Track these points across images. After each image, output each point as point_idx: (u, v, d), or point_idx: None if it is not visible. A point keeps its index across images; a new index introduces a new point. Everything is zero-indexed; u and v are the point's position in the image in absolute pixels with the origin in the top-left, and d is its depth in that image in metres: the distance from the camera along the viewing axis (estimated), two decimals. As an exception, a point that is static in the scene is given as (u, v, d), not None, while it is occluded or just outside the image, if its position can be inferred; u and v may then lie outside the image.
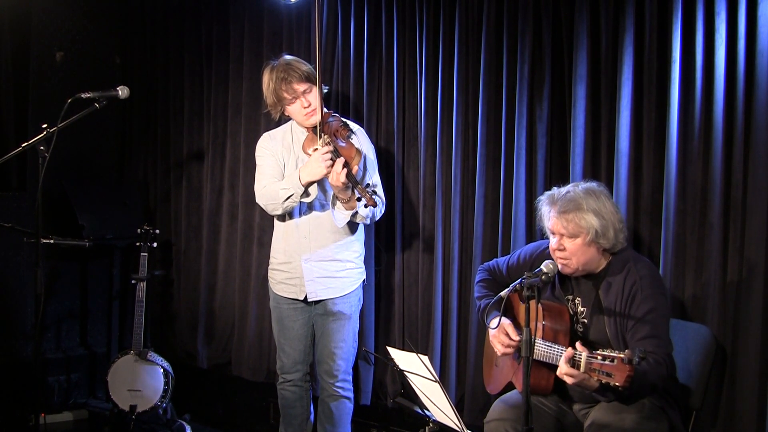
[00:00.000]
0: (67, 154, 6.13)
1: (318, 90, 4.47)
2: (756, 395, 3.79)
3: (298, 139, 4.66)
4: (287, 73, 4.47)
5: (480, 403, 4.77)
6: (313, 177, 4.36)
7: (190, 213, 6.36)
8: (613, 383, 3.14)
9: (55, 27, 6.35)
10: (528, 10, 4.53)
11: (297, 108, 4.52)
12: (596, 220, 3.58)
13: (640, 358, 3.09)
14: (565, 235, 3.62)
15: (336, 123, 4.45)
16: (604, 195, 3.68)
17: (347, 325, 4.70)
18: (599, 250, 3.66)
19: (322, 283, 4.63)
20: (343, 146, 4.33)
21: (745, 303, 3.85)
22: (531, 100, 4.58)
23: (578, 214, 3.59)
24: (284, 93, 4.48)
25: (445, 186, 4.96)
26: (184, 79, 6.36)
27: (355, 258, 4.72)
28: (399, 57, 5.14)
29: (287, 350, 4.79)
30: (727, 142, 3.87)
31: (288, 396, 4.87)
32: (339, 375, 4.70)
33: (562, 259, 3.66)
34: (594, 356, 3.22)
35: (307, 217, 4.64)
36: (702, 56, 3.93)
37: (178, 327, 6.46)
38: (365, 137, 4.72)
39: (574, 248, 3.62)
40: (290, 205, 4.51)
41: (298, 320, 4.75)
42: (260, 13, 5.82)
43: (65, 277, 6.42)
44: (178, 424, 5.75)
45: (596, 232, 3.59)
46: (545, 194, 3.78)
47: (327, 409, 4.75)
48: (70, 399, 6.35)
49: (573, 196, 3.64)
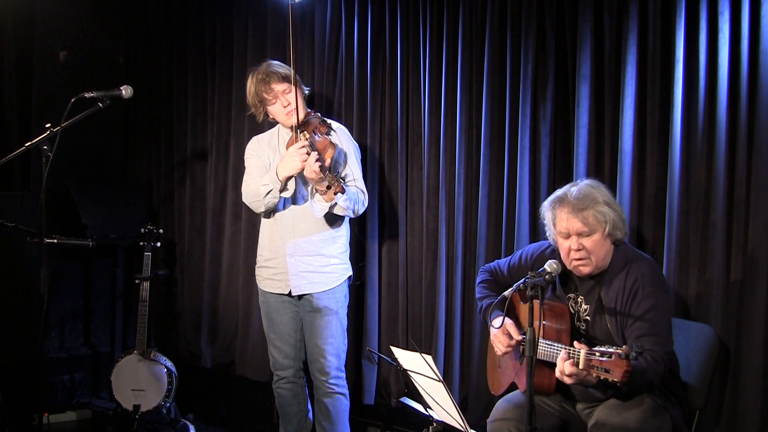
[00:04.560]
0: (70, 154, 6.14)
1: (298, 90, 4.57)
2: (759, 395, 3.79)
3: (283, 140, 4.75)
4: (266, 75, 4.62)
5: (484, 402, 4.78)
6: (290, 171, 4.48)
7: (194, 212, 6.37)
8: (611, 379, 3.14)
9: (59, 26, 6.36)
10: (531, 9, 4.54)
11: (278, 108, 4.63)
12: (611, 212, 3.60)
13: (637, 353, 3.09)
14: (583, 234, 3.61)
15: (315, 120, 4.57)
16: (604, 187, 3.71)
17: (334, 321, 4.74)
18: (611, 245, 3.66)
19: (306, 278, 4.69)
20: (318, 139, 4.44)
21: (748, 302, 3.85)
22: (534, 99, 4.59)
23: (596, 208, 3.59)
24: (264, 94, 4.62)
25: (448, 185, 4.96)
26: (187, 78, 6.37)
27: (339, 254, 4.78)
28: (403, 56, 5.14)
29: (278, 344, 4.86)
30: (730, 141, 3.88)
31: (284, 394, 4.92)
32: (331, 372, 4.74)
33: (580, 260, 3.63)
34: (592, 353, 3.21)
35: (291, 212, 4.71)
36: (705, 56, 3.94)
37: (181, 326, 6.47)
38: (346, 136, 4.80)
39: (593, 244, 3.61)
40: (271, 201, 4.61)
41: (287, 314, 4.81)
42: (264, 13, 5.83)
43: (69, 276, 6.43)
44: (181, 424, 5.76)
45: (614, 224, 3.60)
46: (547, 201, 3.75)
47: (323, 407, 4.79)
48: (74, 399, 6.36)
49: (584, 192, 3.64)
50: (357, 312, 5.34)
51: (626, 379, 3.12)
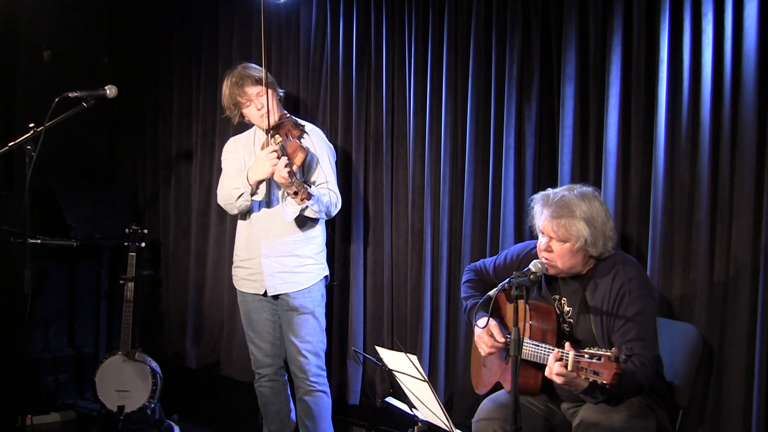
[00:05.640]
0: (54, 154, 6.10)
1: (271, 93, 4.62)
2: (742, 393, 3.81)
3: (259, 141, 4.77)
4: (240, 78, 4.68)
5: (469, 402, 4.78)
6: (260, 176, 4.54)
7: (179, 212, 6.36)
8: (601, 381, 3.14)
9: (43, 26, 6.32)
10: (517, 10, 4.54)
11: (252, 110, 4.70)
12: (587, 229, 3.55)
13: (626, 356, 3.09)
14: (555, 239, 3.61)
15: (288, 123, 4.59)
16: (598, 202, 3.64)
17: (311, 320, 4.77)
18: (586, 257, 3.65)
19: (281, 278, 4.73)
20: (289, 142, 4.47)
21: (732, 302, 3.87)
22: (520, 99, 4.59)
23: (570, 221, 3.56)
24: (238, 97, 4.69)
25: (434, 185, 4.97)
26: (172, 78, 6.36)
27: (314, 254, 4.81)
28: (388, 57, 5.14)
29: (257, 342, 4.90)
30: (714, 141, 3.89)
31: (265, 392, 4.96)
32: (311, 369, 4.77)
33: (548, 260, 3.65)
34: (581, 355, 3.21)
35: (266, 213, 4.75)
36: (689, 57, 3.95)
37: (166, 327, 6.45)
38: (320, 138, 4.83)
39: (562, 252, 3.61)
40: (243, 204, 4.66)
41: (265, 312, 4.86)
42: (249, 13, 5.82)
43: (53, 277, 6.40)
44: (166, 425, 5.75)
45: (586, 241, 3.56)
46: (540, 193, 3.73)
47: (305, 406, 4.82)
48: (58, 400, 6.33)
49: (566, 201, 3.60)
50: (342, 312, 5.35)
51: (615, 382, 3.12)
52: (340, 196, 4.78)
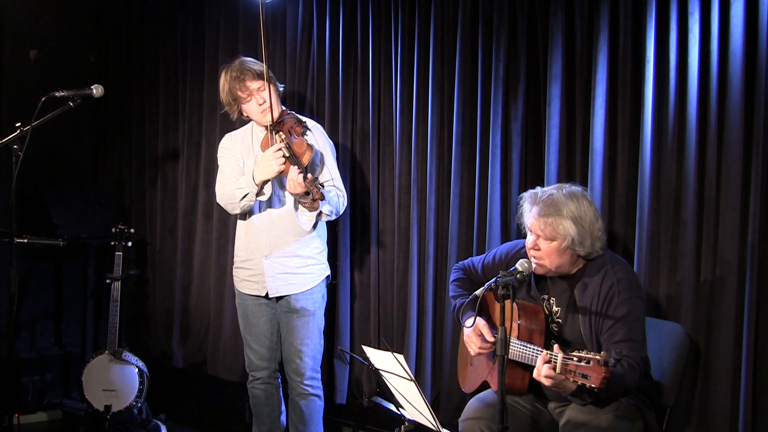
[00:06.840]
0: (41, 153, 6.08)
1: (272, 88, 4.53)
2: (729, 393, 3.82)
3: (257, 138, 4.71)
4: (240, 72, 4.53)
5: (455, 401, 4.78)
6: (267, 175, 4.43)
7: (166, 212, 6.34)
8: (589, 385, 3.13)
9: (29, 25, 6.29)
10: (503, 9, 4.54)
11: (253, 106, 4.56)
12: (574, 228, 3.55)
13: (615, 359, 3.08)
14: (542, 237, 3.61)
15: (291, 120, 4.49)
16: (587, 201, 3.63)
17: (311, 322, 4.72)
18: (574, 256, 3.65)
19: (283, 279, 4.66)
20: (294, 141, 4.38)
21: (718, 301, 3.88)
22: (506, 99, 4.59)
23: (557, 220, 3.55)
24: (239, 92, 4.54)
25: (420, 185, 4.97)
26: (159, 77, 6.34)
27: (316, 254, 4.74)
28: (374, 56, 5.14)
29: (254, 347, 4.84)
30: (700, 141, 3.90)
31: (258, 394, 4.90)
32: (306, 373, 4.72)
33: (536, 258, 3.65)
34: (570, 357, 3.19)
35: (267, 214, 4.67)
36: (676, 56, 3.96)
37: (153, 326, 6.44)
38: (321, 134, 4.75)
39: (549, 250, 3.61)
40: (247, 204, 4.57)
41: (263, 316, 4.78)
42: (236, 12, 5.81)
43: (39, 276, 6.38)
44: (153, 424, 5.73)
45: (573, 240, 3.56)
46: (530, 191, 3.72)
47: (297, 409, 4.77)
48: (45, 399, 6.31)
49: (554, 199, 3.59)
50: (330, 312, 5.31)
51: (604, 386, 3.11)
52: (345, 193, 4.72)
